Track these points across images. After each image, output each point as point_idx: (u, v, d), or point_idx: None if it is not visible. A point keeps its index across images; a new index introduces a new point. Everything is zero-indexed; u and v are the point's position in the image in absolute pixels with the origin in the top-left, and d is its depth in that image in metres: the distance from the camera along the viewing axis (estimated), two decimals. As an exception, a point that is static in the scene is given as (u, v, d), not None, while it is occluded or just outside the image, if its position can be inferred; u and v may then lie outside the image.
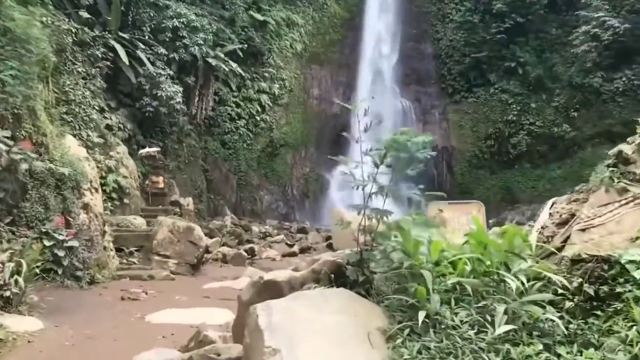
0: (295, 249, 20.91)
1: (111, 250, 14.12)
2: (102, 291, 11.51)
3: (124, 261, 14.72)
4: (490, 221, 36.38)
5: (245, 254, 18.18)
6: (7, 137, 10.30)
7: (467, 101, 41.32)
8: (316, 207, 38.20)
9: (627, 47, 34.92)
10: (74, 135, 18.00)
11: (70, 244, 11.22)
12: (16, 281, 8.17)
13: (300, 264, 7.04)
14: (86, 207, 12.94)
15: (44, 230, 11.01)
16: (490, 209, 39.56)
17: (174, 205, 24.30)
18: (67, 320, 8.65)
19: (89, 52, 24.46)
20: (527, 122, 38.83)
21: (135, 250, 15.40)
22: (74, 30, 21.49)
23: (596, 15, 35.37)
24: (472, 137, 40.62)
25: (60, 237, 11.08)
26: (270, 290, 5.82)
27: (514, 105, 39.41)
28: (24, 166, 10.42)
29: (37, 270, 9.58)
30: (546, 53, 39.81)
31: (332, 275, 5.87)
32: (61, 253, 10.98)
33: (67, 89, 20.00)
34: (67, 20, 21.41)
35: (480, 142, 40.27)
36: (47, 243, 10.85)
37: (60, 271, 11.04)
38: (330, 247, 22.17)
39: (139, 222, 16.90)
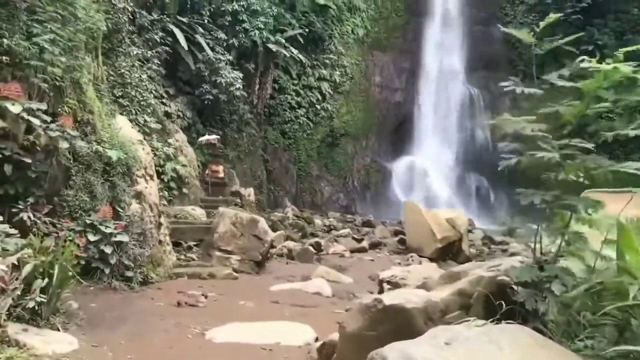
0: (365, 244, 18.73)
1: (167, 244, 12.29)
2: (155, 294, 9.65)
3: (182, 257, 12.89)
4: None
5: (313, 250, 16.15)
6: (45, 112, 8.49)
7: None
8: (378, 199, 35.91)
9: None
10: (130, 121, 16.40)
11: (119, 238, 9.39)
12: (43, 288, 6.31)
13: (431, 278, 4.86)
14: (139, 196, 11.11)
15: (88, 222, 9.22)
16: (565, 202, 36.50)
17: (235, 195, 22.55)
18: (109, 336, 6.75)
19: (146, 36, 22.95)
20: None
21: (194, 245, 13.57)
22: (130, 8, 19.88)
23: (687, -9, 31.76)
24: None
25: (108, 230, 9.27)
26: (393, 321, 3.73)
27: (591, 92, 35.98)
28: (63, 145, 8.61)
29: (79, 270, 7.76)
30: (627, 35, 36.26)
31: (501, 303, 3.69)
32: (108, 249, 9.16)
33: (122, 70, 18.40)
34: (123, -1, 19.84)
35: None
36: (92, 238, 9.05)
37: (107, 270, 9.22)
38: (402, 242, 19.92)
39: (198, 213, 15.07)
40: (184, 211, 14.87)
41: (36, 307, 6.23)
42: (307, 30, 33.34)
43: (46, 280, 6.51)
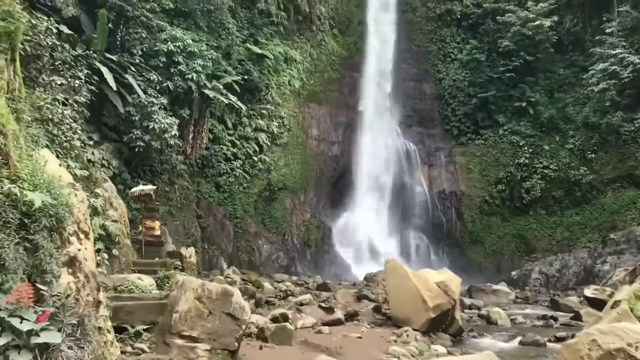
0: (339, 315, 14.93)
1: (108, 332, 8.21)
2: None
3: (128, 349, 8.76)
4: (513, 273, 31.29)
5: (290, 327, 12.29)
6: None
7: (475, 143, 36.76)
8: (319, 258, 32.48)
9: (648, 86, 31.09)
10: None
11: (43, 337, 5.39)
12: None
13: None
14: (72, 262, 7.13)
15: (-9, 312, 5.22)
16: (505, 259, 34.55)
17: (173, 256, 18.39)
18: None
19: (69, 73, 18.71)
20: (541, 166, 34.34)
21: (145, 330, 9.46)
22: (54, 30, 15.94)
23: (614, 52, 31.55)
24: (481, 181, 35.86)
25: (25, 326, 5.28)
26: None
27: (526, 148, 34.97)
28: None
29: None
30: (556, 93, 35.88)
31: None
32: (24, 359, 5.17)
33: (42, 103, 14.28)
34: (46, 18, 15.89)
35: (490, 187, 35.52)
36: (-5, 341, 5.06)
37: (21, 396, 5.18)
38: (377, 311, 16.45)
39: (146, 283, 10.86)
40: (126, 281, 10.70)
41: None
42: (244, 77, 30.17)
43: None
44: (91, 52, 20.96)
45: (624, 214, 30.54)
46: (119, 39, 23.49)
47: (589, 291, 20.78)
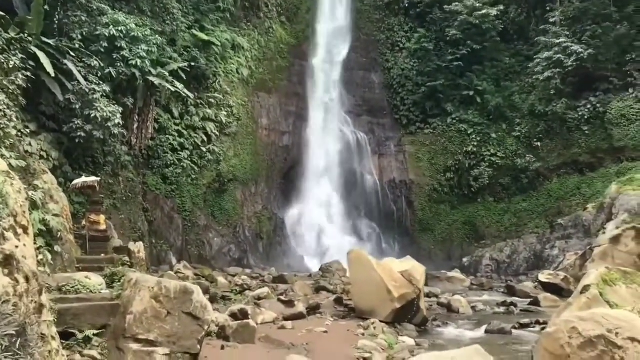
0: (301, 308, 14.21)
1: (53, 338, 7.18)
2: None
3: (77, 357, 7.76)
4: (465, 259, 31.37)
5: (253, 324, 11.45)
6: None
7: (424, 132, 36.69)
8: (272, 250, 31.64)
9: (590, 74, 31.72)
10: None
11: (-26, 354, 4.47)
12: None
13: None
14: (9, 262, 6.11)
15: None
16: (455, 246, 34.67)
17: (121, 252, 17.19)
18: None
19: (2, 56, 17.18)
20: (488, 153, 34.59)
21: (95, 335, 8.43)
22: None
23: (558, 41, 31.97)
24: (430, 169, 35.86)
25: (-49, 342, 4.32)
26: None
27: (474, 136, 35.13)
28: None
29: None
30: (503, 81, 36.19)
31: None
32: (-49, 383, 4.22)
33: (-29, 87, 12.91)
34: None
35: (439, 175, 35.56)
36: None
37: None
38: (339, 302, 15.83)
39: (94, 282, 9.77)
40: (72, 280, 9.58)
41: None
42: (191, 64, 28.85)
43: None
44: (26, 35, 19.28)
45: (569, 200, 31.11)
46: (56, 22, 21.79)
47: (543, 276, 20.89)
